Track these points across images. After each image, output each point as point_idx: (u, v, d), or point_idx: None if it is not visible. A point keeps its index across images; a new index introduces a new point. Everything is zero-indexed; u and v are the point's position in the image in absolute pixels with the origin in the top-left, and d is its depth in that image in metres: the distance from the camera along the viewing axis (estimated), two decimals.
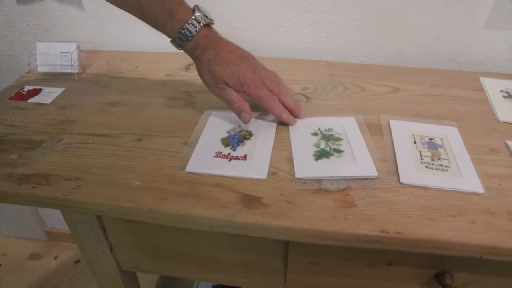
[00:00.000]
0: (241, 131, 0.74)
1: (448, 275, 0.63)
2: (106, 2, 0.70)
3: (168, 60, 1.00)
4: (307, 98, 0.84)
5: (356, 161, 0.66)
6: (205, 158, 0.68)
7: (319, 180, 0.63)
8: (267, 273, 0.73)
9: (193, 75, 0.92)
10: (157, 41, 1.06)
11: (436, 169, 0.66)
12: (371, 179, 0.63)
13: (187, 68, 0.96)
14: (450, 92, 0.87)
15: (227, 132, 0.74)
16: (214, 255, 0.73)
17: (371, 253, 0.64)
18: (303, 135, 0.73)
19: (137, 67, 0.99)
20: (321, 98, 0.84)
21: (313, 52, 1.03)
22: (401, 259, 0.64)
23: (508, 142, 0.73)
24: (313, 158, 0.67)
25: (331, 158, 0.67)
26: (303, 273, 0.70)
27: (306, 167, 0.65)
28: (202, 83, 0.75)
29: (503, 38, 0.95)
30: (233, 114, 0.76)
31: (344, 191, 0.61)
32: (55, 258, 1.66)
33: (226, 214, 0.58)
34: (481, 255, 0.55)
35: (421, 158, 0.68)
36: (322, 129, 0.74)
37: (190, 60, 0.74)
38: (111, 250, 0.77)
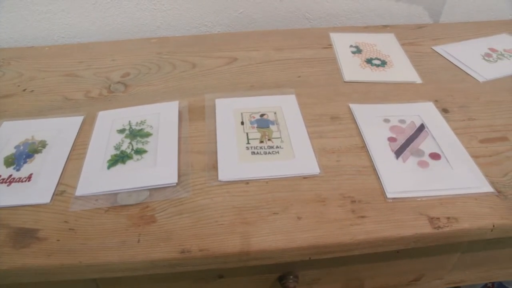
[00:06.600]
0: (33, 142, 0.58)
1: (291, 277, 0.53)
2: None
3: None
4: (126, 86, 0.69)
5: (156, 165, 0.53)
6: None
7: (114, 194, 0.49)
8: None
9: None
10: None
11: (265, 153, 0.55)
12: (181, 182, 0.51)
13: None
14: (294, 54, 0.77)
15: (15, 147, 0.58)
16: None
17: None
18: (105, 135, 0.58)
19: None
20: (143, 83, 0.70)
21: (145, 28, 0.87)
22: (233, 269, 0.52)
23: (351, 105, 0.64)
24: (106, 166, 0.53)
25: (128, 163, 0.54)
26: None
27: (91, 180, 0.51)
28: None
29: None
30: (31, 122, 0.61)
31: (144, 203, 0.48)
32: None
33: None
34: (309, 257, 0.45)
35: (248, 143, 0.57)
36: (133, 122, 0.60)
37: None
38: None
